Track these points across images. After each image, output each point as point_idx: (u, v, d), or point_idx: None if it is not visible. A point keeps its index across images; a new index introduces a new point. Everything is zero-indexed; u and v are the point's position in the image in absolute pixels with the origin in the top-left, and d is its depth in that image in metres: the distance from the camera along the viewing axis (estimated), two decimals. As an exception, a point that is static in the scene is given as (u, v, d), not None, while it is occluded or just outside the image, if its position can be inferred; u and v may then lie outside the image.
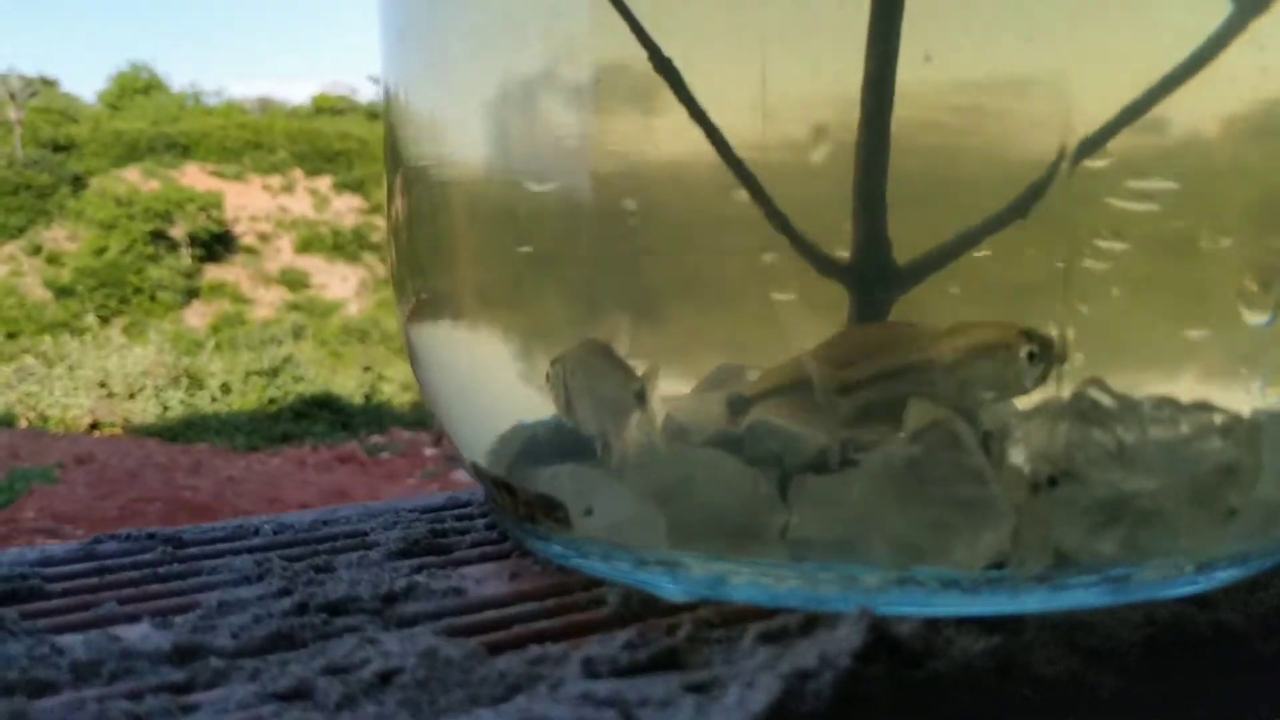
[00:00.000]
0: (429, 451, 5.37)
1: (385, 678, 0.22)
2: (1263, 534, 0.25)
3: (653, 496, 0.27)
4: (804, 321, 0.28)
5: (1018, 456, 0.24)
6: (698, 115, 0.27)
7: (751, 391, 0.27)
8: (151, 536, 0.32)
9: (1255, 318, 0.24)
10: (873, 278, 0.28)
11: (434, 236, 0.31)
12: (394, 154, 0.32)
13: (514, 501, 0.29)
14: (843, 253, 0.27)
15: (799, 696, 0.19)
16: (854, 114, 0.26)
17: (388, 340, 7.06)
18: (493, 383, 0.31)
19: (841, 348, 0.27)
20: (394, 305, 0.33)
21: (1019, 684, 0.22)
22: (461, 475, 4.62)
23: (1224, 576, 0.25)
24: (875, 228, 0.28)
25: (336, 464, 5.11)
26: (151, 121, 8.12)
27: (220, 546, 0.31)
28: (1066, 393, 0.24)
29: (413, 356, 0.32)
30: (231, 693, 0.22)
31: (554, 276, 0.29)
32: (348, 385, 6.62)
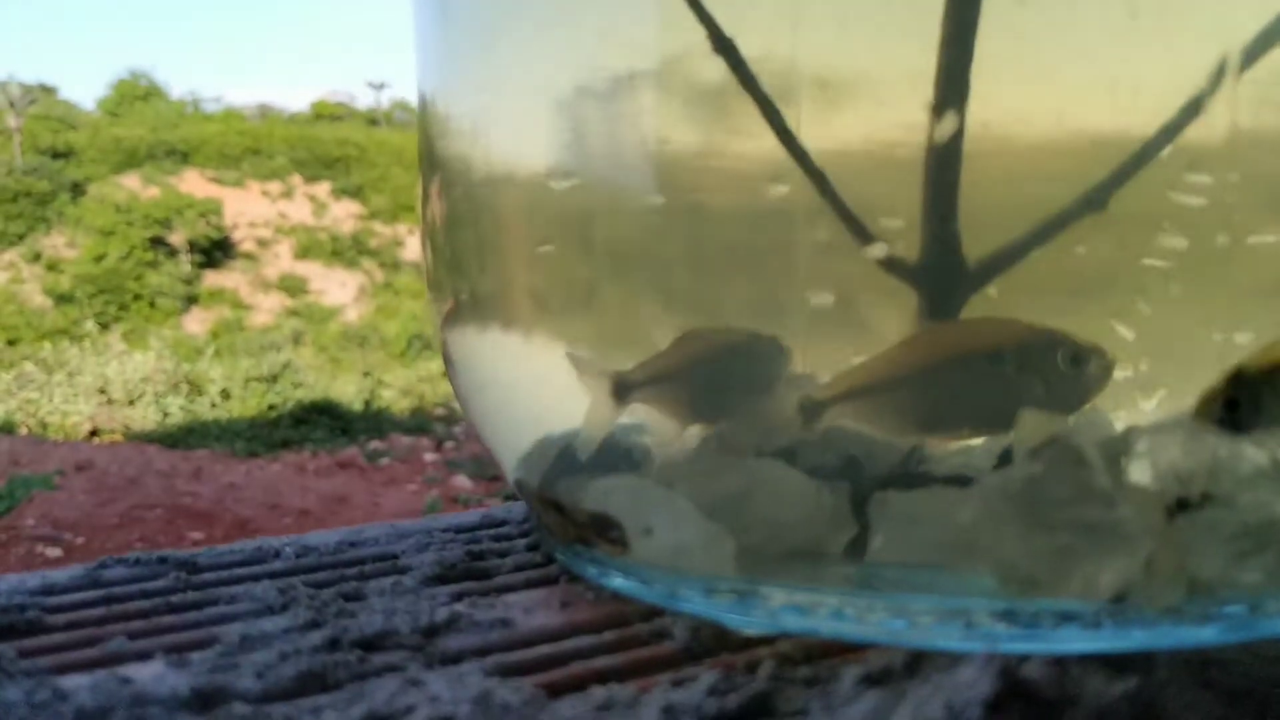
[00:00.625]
0: (429, 457, 5.34)
1: (435, 727, 0.20)
2: None
3: (710, 511, 0.25)
4: (871, 323, 0.26)
5: (1142, 475, 0.21)
6: (760, 100, 0.25)
7: (824, 395, 0.24)
8: (163, 561, 0.29)
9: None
10: (941, 277, 0.25)
11: (477, 239, 0.29)
12: (430, 158, 0.29)
13: (563, 521, 0.26)
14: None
15: (925, 756, 0.17)
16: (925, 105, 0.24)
17: (387, 346, 7.04)
18: (540, 392, 0.28)
19: (918, 346, 0.25)
20: (430, 309, 0.30)
21: (1158, 734, 0.19)
22: (462, 480, 4.59)
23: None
24: (945, 224, 0.25)
25: (336, 470, 5.08)
26: (151, 128, 8.09)
27: (238, 571, 0.29)
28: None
29: (449, 361, 0.30)
30: (261, 746, 0.19)
31: (615, 280, 0.26)
32: (347, 391, 6.58)
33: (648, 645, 0.24)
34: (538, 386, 0.28)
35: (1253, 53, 0.23)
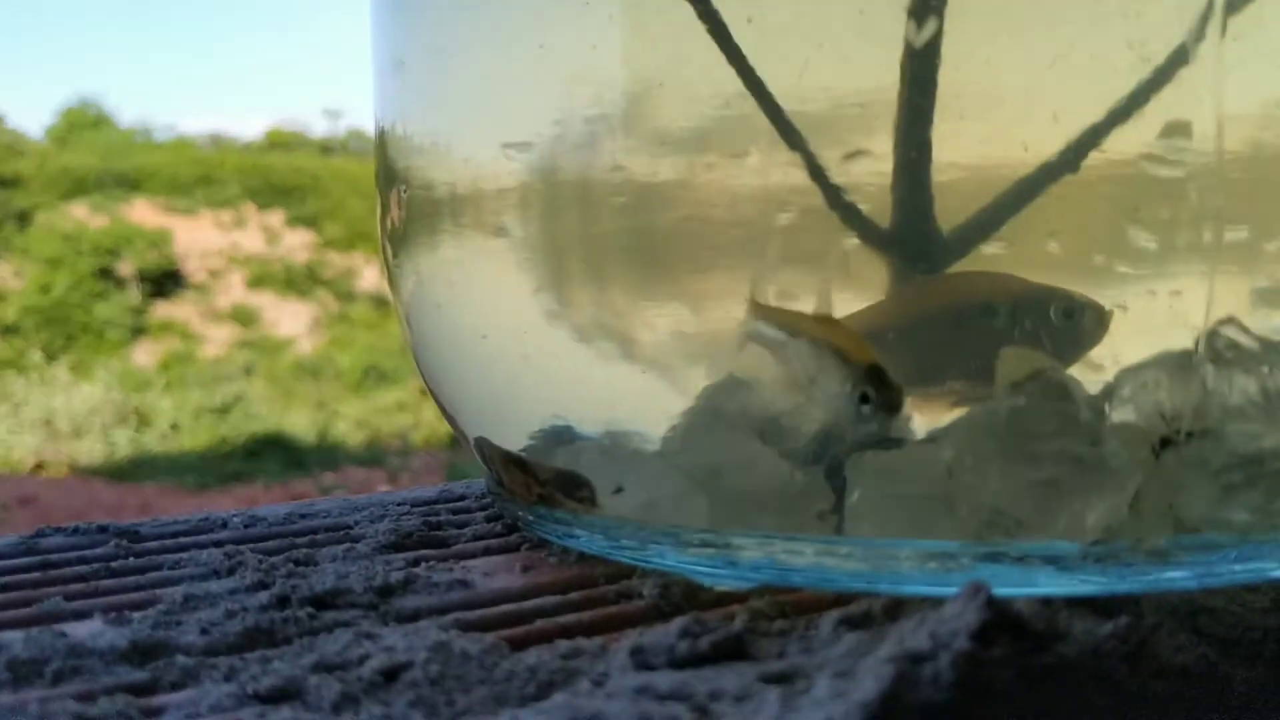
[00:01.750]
0: (383, 489, 5.29)
1: (390, 675, 0.19)
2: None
3: (696, 480, 0.24)
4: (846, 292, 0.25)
5: (1127, 415, 0.21)
6: (741, 68, 0.24)
7: None
8: (103, 530, 0.27)
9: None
10: (914, 247, 0.25)
11: (432, 230, 0.28)
12: (388, 173, 0.28)
13: (527, 481, 0.25)
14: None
15: (913, 683, 0.16)
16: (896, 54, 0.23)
17: (341, 377, 6.97)
18: (499, 358, 0.27)
19: (911, 298, 0.24)
20: (392, 300, 0.29)
21: (1149, 675, 0.19)
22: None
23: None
24: (917, 193, 0.24)
25: (289, 503, 5.01)
26: (100, 156, 7.99)
27: (183, 540, 0.27)
28: (1187, 340, 0.20)
29: (410, 331, 0.29)
30: (203, 694, 0.18)
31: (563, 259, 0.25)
32: (300, 423, 6.49)
33: (615, 604, 0.23)
34: (493, 346, 0.27)
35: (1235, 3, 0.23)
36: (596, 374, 0.26)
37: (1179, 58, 0.22)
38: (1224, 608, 0.21)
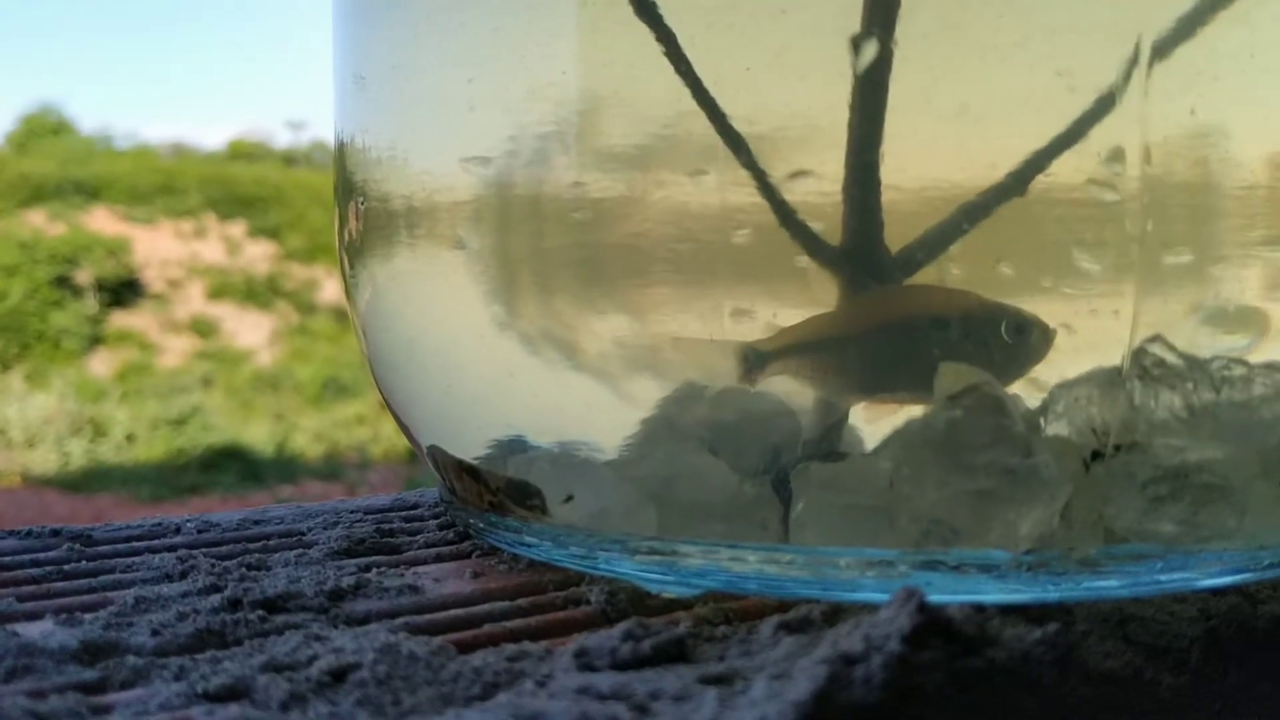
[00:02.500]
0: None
1: (338, 675, 0.19)
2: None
3: (646, 490, 0.24)
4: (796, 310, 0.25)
5: (1060, 429, 0.21)
6: (680, 66, 0.25)
7: (768, 346, 0.24)
8: (56, 534, 0.28)
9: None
10: (864, 265, 0.25)
11: (388, 242, 0.28)
12: (347, 185, 0.29)
13: (479, 489, 0.26)
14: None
15: (845, 684, 0.16)
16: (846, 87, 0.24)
17: (300, 389, 6.91)
18: (450, 363, 0.27)
19: (863, 307, 0.25)
20: (349, 310, 0.30)
21: (1077, 680, 0.19)
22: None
23: (1276, 567, 0.23)
24: (866, 209, 0.25)
25: (245, 515, 4.96)
26: (60, 164, 7.91)
27: (136, 544, 0.27)
28: (1119, 357, 0.21)
29: (366, 342, 0.29)
30: (153, 693, 0.18)
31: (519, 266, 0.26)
32: (258, 435, 6.44)
33: (563, 610, 0.23)
34: (447, 357, 0.27)
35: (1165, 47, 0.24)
36: (548, 385, 0.26)
37: (1112, 90, 0.23)
38: (1151, 616, 0.21)
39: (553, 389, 0.26)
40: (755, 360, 0.24)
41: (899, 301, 0.24)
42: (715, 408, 0.26)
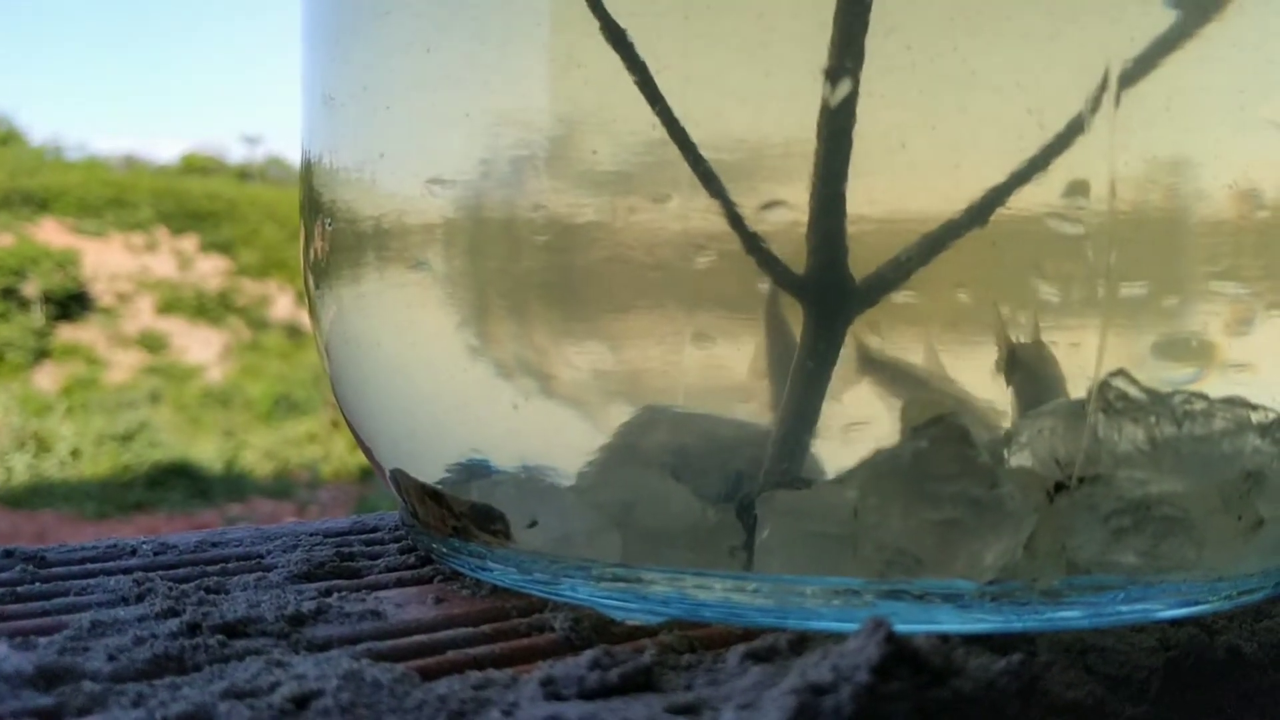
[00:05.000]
0: (290, 520, 5.18)
1: (300, 702, 0.19)
2: (1281, 551, 0.23)
3: (611, 516, 0.24)
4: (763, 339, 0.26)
5: (1024, 460, 0.22)
6: (652, 95, 0.25)
7: None
8: (9, 554, 0.27)
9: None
10: (828, 294, 0.26)
11: (354, 263, 0.28)
12: (313, 204, 0.29)
13: (442, 513, 0.26)
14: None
15: (814, 714, 0.16)
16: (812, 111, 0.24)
17: (251, 406, 6.84)
18: (413, 387, 0.27)
19: None
20: (313, 329, 0.30)
21: (1041, 710, 0.20)
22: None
23: (1235, 598, 0.23)
24: (830, 242, 0.25)
25: (192, 534, 4.88)
26: (8, 174, 7.79)
27: (91, 566, 0.27)
28: (1082, 390, 0.21)
29: (329, 362, 0.29)
30: (110, 719, 0.18)
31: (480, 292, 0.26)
32: (207, 452, 6.36)
33: (527, 636, 0.23)
34: (411, 380, 0.27)
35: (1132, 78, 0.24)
36: (514, 409, 0.26)
37: (1077, 123, 0.23)
38: (1113, 647, 0.22)
39: (518, 413, 0.26)
40: None
41: None
42: (676, 432, 0.26)
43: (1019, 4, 0.23)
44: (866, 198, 0.25)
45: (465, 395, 0.25)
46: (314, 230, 0.29)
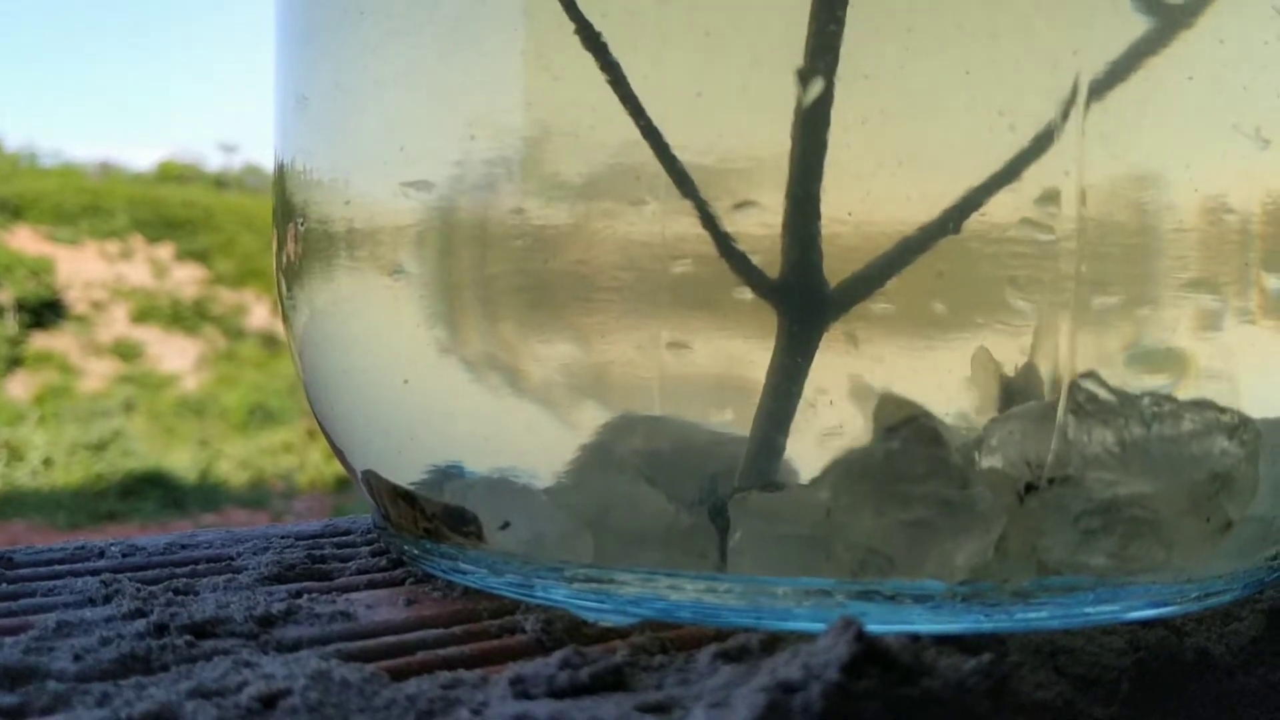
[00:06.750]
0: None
1: (268, 701, 0.19)
2: (1252, 555, 0.23)
3: (584, 517, 0.24)
4: (736, 348, 0.25)
5: (995, 462, 0.22)
6: (625, 95, 0.25)
7: None
8: (-26, 556, 0.27)
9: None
10: (801, 299, 0.26)
11: (326, 266, 0.28)
12: (286, 207, 0.28)
13: (414, 515, 0.26)
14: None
15: (784, 712, 0.16)
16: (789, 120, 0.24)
17: (226, 415, 6.80)
18: (387, 390, 0.27)
19: None
20: (286, 335, 0.29)
21: (1010, 710, 0.20)
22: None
23: (1204, 600, 0.23)
24: (805, 247, 0.25)
25: (165, 544, 4.84)
26: (-18, 181, 7.75)
27: (58, 568, 0.27)
28: (1051, 393, 0.21)
29: (302, 365, 0.29)
30: (74, 719, 0.18)
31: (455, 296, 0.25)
32: (181, 462, 6.32)
33: (498, 637, 0.23)
34: (384, 382, 0.27)
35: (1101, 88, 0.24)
36: (487, 411, 0.26)
37: (1048, 131, 0.23)
38: (1082, 648, 0.22)
39: (491, 415, 0.26)
40: None
41: None
42: (652, 437, 0.26)
43: (991, 9, 0.23)
44: (841, 202, 0.25)
45: (437, 397, 0.25)
46: (286, 233, 0.29)
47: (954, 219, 0.25)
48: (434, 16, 0.26)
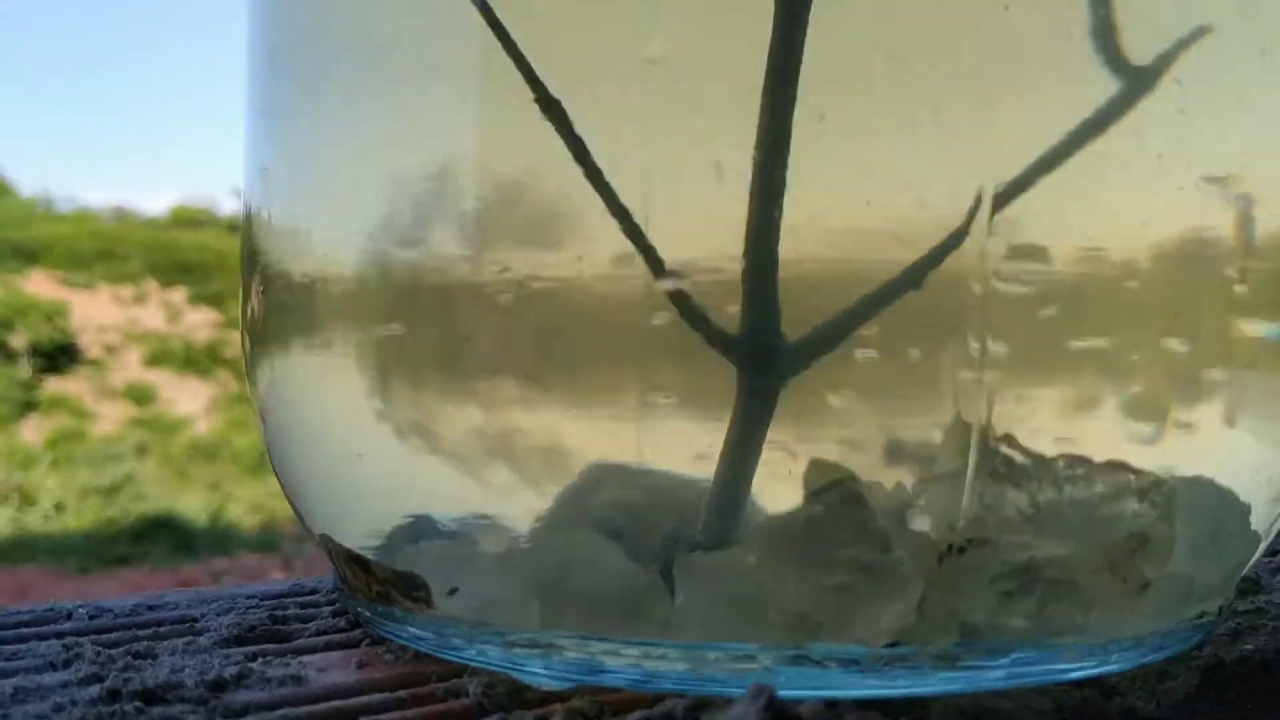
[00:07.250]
0: (277, 576, 5.15)
1: (206, 770, 0.19)
2: (1175, 613, 0.23)
3: (529, 583, 0.25)
4: (695, 402, 0.26)
5: (922, 524, 0.22)
6: (585, 162, 0.25)
7: None
8: (-58, 620, 0.27)
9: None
10: (759, 354, 0.26)
11: (291, 324, 0.29)
12: (251, 259, 0.29)
13: (368, 579, 0.26)
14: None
15: (692, 781, 0.17)
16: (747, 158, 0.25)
17: (238, 459, 6.81)
18: (343, 449, 0.28)
19: None
20: (250, 391, 0.30)
21: (928, 772, 0.20)
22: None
23: (1133, 659, 0.24)
24: (765, 295, 0.26)
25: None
26: (-2, 227, 7.82)
27: (25, 631, 0.27)
28: (973, 455, 0.22)
29: (264, 422, 0.29)
30: (16, 788, 0.19)
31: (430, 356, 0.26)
32: (193, 505, 6.33)
33: (442, 701, 0.24)
34: (336, 444, 0.28)
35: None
36: (442, 474, 0.27)
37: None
38: (1007, 710, 0.22)
39: (448, 477, 0.27)
40: None
41: None
42: (626, 486, 0.26)
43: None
44: (797, 256, 0.25)
45: (385, 464, 0.26)
46: (251, 289, 0.29)
47: (915, 275, 0.25)
48: (387, 86, 0.27)
